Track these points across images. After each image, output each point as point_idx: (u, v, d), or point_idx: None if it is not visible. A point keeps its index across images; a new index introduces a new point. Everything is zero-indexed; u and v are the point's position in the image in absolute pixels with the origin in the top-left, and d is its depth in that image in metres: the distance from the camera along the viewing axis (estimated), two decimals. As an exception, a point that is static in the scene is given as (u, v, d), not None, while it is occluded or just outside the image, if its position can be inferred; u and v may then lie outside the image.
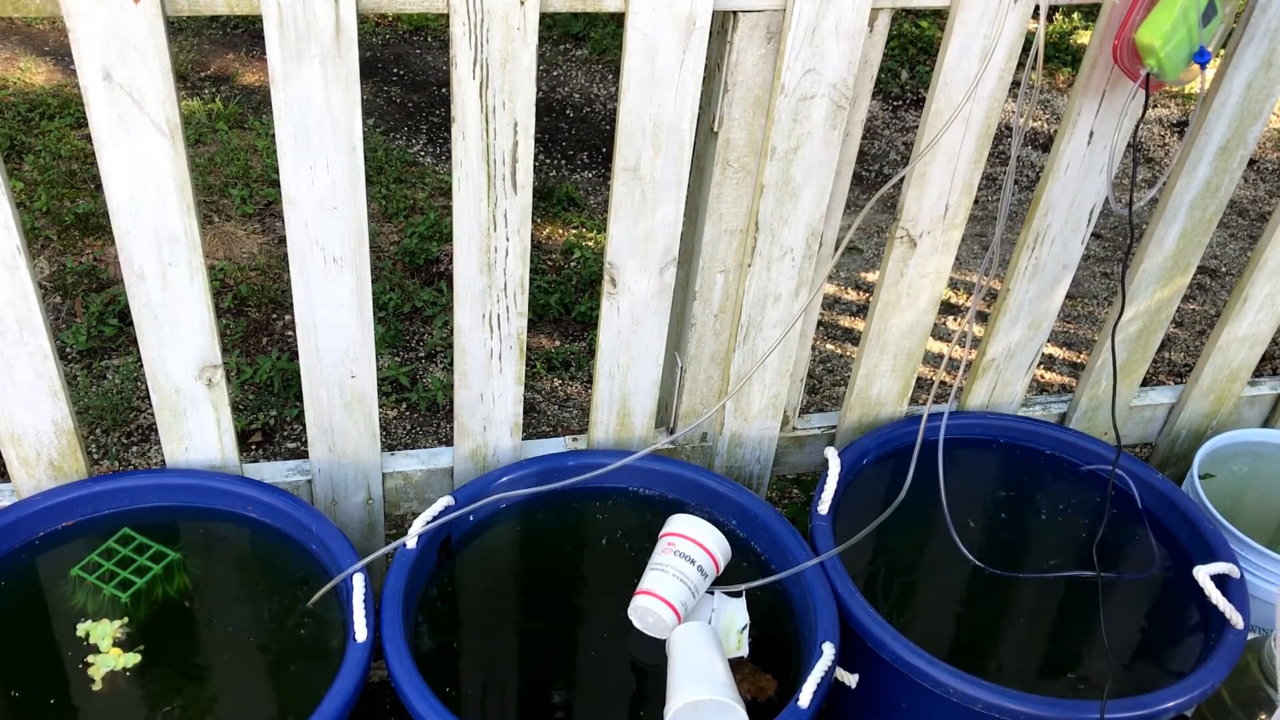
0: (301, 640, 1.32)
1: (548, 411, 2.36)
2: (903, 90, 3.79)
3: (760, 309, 1.54)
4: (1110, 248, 3.09)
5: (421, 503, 1.63)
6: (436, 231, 2.81)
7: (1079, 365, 2.66)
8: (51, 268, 2.58)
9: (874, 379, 1.69)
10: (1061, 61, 3.94)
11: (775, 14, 1.30)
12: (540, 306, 2.62)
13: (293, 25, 1.15)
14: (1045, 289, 1.66)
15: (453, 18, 1.19)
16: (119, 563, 1.38)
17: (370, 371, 1.44)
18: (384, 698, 1.73)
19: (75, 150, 2.99)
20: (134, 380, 2.30)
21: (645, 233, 1.42)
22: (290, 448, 2.22)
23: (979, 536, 1.59)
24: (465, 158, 1.29)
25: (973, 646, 1.44)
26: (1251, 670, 1.52)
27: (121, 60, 1.13)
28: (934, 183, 1.48)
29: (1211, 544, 1.54)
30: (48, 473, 1.44)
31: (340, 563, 1.36)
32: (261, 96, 3.39)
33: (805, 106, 1.36)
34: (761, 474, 1.76)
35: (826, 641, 1.33)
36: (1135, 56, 1.33)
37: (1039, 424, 1.75)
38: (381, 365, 2.39)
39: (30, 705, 1.23)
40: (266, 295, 2.58)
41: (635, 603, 1.37)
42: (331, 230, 1.30)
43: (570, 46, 3.91)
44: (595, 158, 3.28)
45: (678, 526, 1.43)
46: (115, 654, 1.29)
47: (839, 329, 2.70)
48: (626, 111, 1.31)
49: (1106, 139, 1.50)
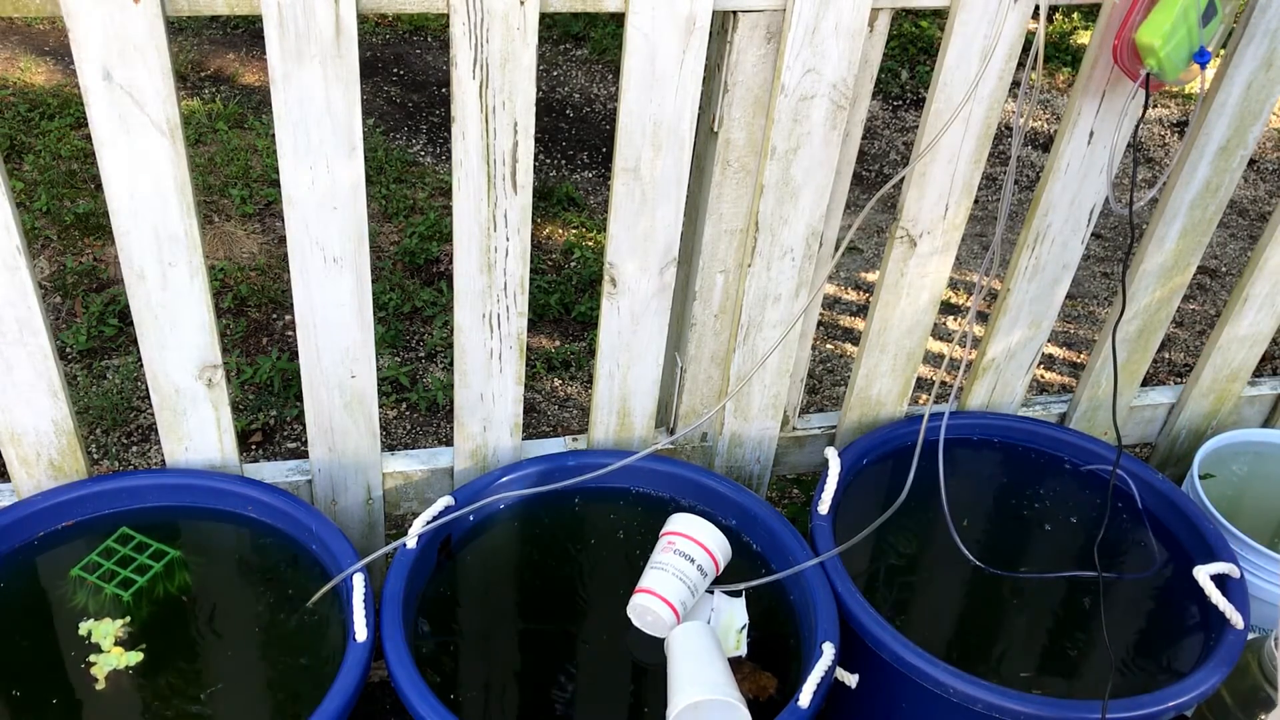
0: (302, 640, 1.32)
1: (548, 411, 2.36)
2: (903, 90, 3.79)
3: (760, 309, 1.54)
4: (1110, 248, 3.09)
5: (421, 503, 1.63)
6: (436, 231, 2.81)
7: (1079, 365, 2.66)
8: (51, 268, 2.58)
9: (874, 379, 1.69)
10: (1061, 61, 3.94)
11: (775, 14, 1.30)
12: (540, 306, 2.62)
13: (293, 25, 1.15)
14: (1045, 289, 1.66)
15: (453, 18, 1.19)
16: (119, 562, 1.38)
17: (370, 371, 1.44)
18: (384, 698, 1.73)
19: (75, 150, 2.99)
20: (134, 380, 2.30)
21: (645, 233, 1.42)
22: (290, 448, 2.22)
23: (979, 536, 1.59)
24: (465, 158, 1.29)
25: (973, 646, 1.44)
26: (1251, 670, 1.52)
27: (121, 60, 1.13)
28: (934, 183, 1.48)
29: (1211, 544, 1.54)
30: (48, 473, 1.44)
31: (340, 563, 1.36)
32: (261, 96, 3.39)
33: (805, 106, 1.36)
34: (761, 474, 1.76)
35: (826, 641, 1.33)
36: (1135, 56, 1.33)
37: (1039, 424, 1.75)
38: (381, 365, 2.39)
39: (34, 705, 1.23)
40: (266, 295, 2.58)
41: (634, 601, 1.37)
42: (331, 230, 1.30)
43: (570, 46, 3.91)
44: (595, 158, 3.28)
45: (678, 525, 1.43)
46: (118, 653, 1.29)
47: (839, 329, 2.70)
48: (626, 111, 1.31)
49: (1106, 139, 1.50)
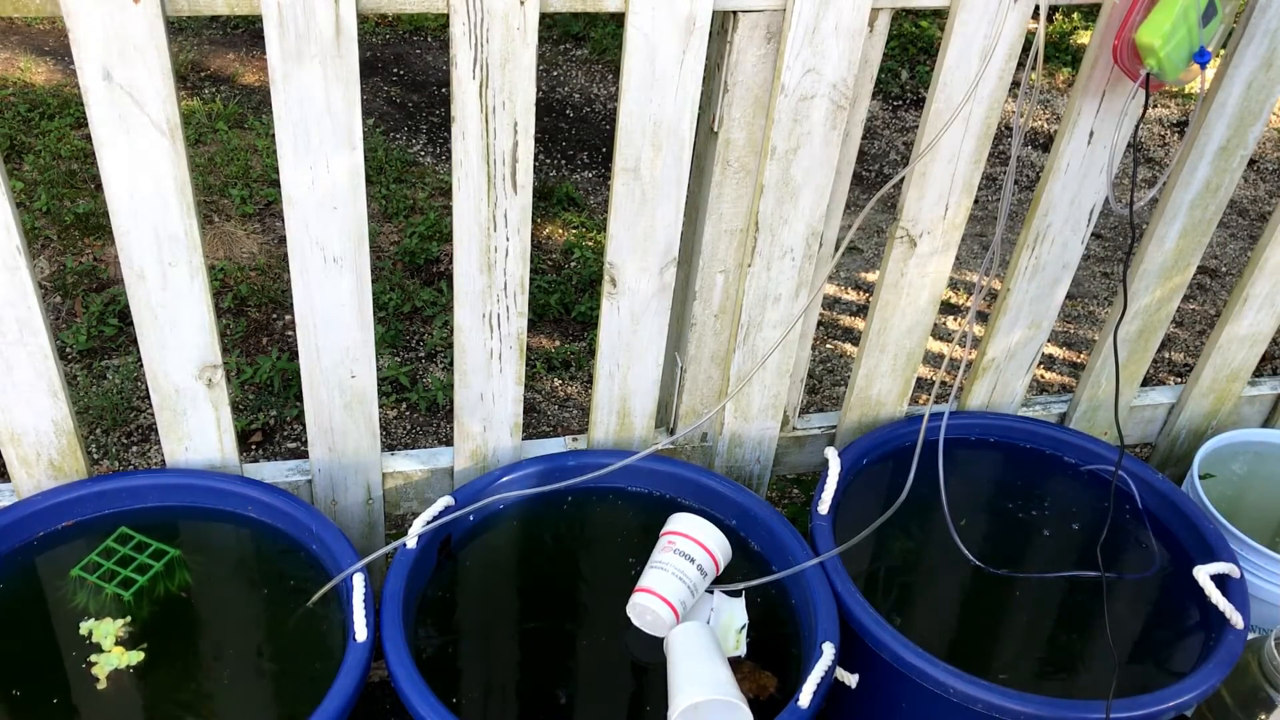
0: (301, 640, 1.32)
1: (548, 411, 2.36)
2: (903, 90, 3.79)
3: (760, 309, 1.54)
4: (1110, 248, 3.09)
5: (421, 503, 1.62)
6: (436, 231, 2.81)
7: (1079, 365, 2.66)
8: (51, 268, 2.58)
9: (874, 379, 1.69)
10: (1061, 61, 3.94)
11: (775, 14, 1.30)
12: (540, 306, 2.62)
13: (293, 25, 1.15)
14: (1045, 289, 1.66)
15: (453, 18, 1.19)
16: (119, 561, 1.38)
17: (370, 371, 1.44)
18: (384, 698, 1.73)
19: (75, 150, 2.99)
20: (134, 380, 2.30)
21: (645, 233, 1.42)
22: (290, 448, 2.22)
23: (979, 536, 1.59)
24: (465, 158, 1.29)
25: (973, 646, 1.44)
26: (1251, 670, 1.52)
27: (121, 60, 1.13)
28: (934, 183, 1.48)
29: (1211, 544, 1.54)
30: (48, 473, 1.44)
31: (340, 563, 1.36)
32: (261, 96, 3.39)
33: (805, 106, 1.36)
34: (761, 474, 1.76)
35: (826, 641, 1.33)
36: (1135, 56, 1.33)
37: (1039, 424, 1.75)
38: (381, 365, 2.39)
39: (36, 705, 1.23)
40: (266, 295, 2.58)
41: (634, 600, 1.37)
42: (331, 230, 1.30)
43: (570, 46, 3.91)
44: (595, 158, 3.28)
45: (679, 525, 1.43)
46: (119, 652, 1.29)
47: (839, 329, 2.70)
48: (626, 111, 1.31)
49: (1106, 139, 1.50)
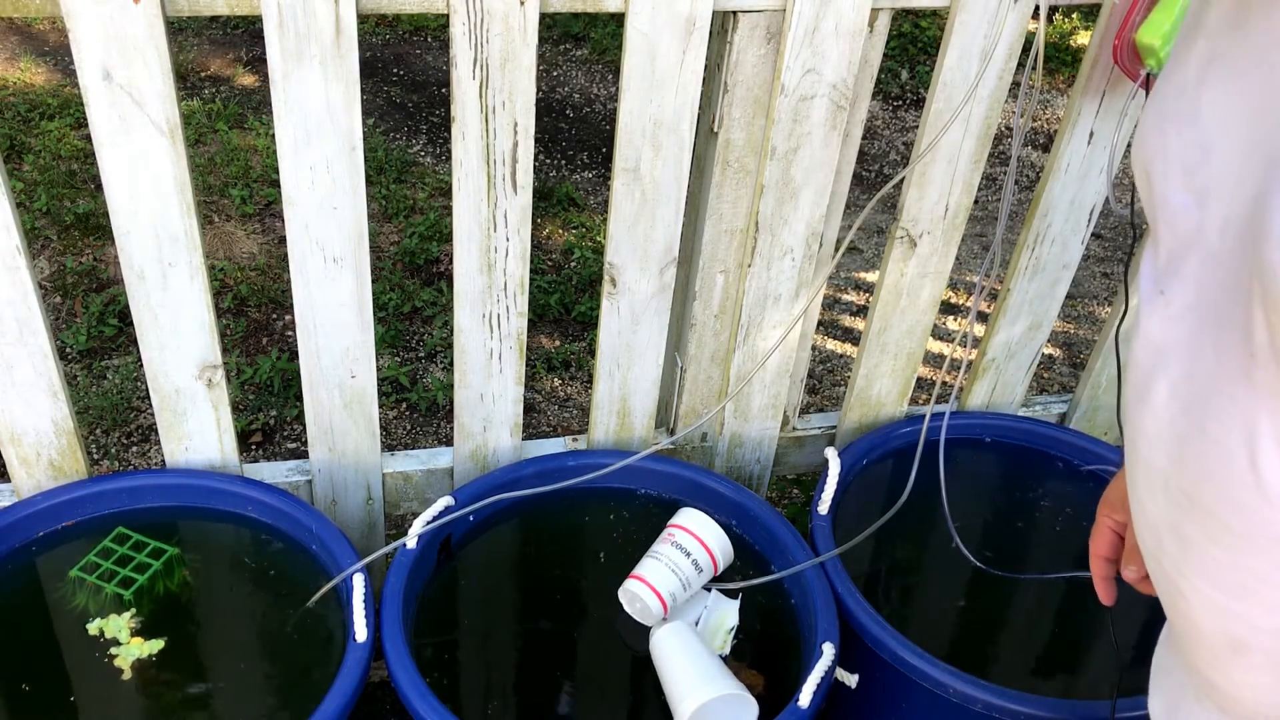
0: (301, 640, 1.32)
1: (548, 411, 2.36)
2: (903, 90, 3.79)
3: (760, 309, 1.54)
4: (1110, 248, 3.09)
5: (421, 503, 1.62)
6: (436, 231, 2.81)
7: (1079, 365, 2.66)
8: (51, 268, 2.58)
9: (874, 379, 1.69)
10: (1061, 61, 3.94)
11: (775, 14, 1.30)
12: (540, 306, 2.62)
13: (293, 25, 1.15)
14: (1045, 289, 1.66)
15: (453, 18, 1.19)
16: (118, 561, 1.38)
17: (370, 371, 1.44)
18: (384, 698, 1.73)
19: (75, 150, 2.99)
20: (134, 380, 2.30)
21: (645, 233, 1.42)
22: (290, 448, 2.22)
23: (979, 537, 1.59)
24: (465, 158, 1.29)
25: (973, 646, 1.44)
26: (1251, 670, 1.52)
27: (121, 60, 1.13)
28: (934, 183, 1.48)
29: (1211, 544, 1.54)
30: (47, 473, 1.44)
31: (340, 563, 1.36)
32: (261, 96, 3.39)
33: (805, 107, 1.35)
34: (761, 474, 1.76)
35: (826, 641, 1.33)
36: (1135, 56, 1.33)
37: (1039, 424, 1.75)
38: (381, 365, 2.39)
39: (58, 703, 1.23)
40: (266, 295, 2.58)
41: (626, 586, 1.39)
42: (331, 230, 1.30)
43: (570, 46, 3.91)
44: (595, 158, 3.28)
45: (682, 520, 1.43)
46: (137, 642, 1.30)
47: (839, 329, 2.70)
48: (626, 112, 1.31)
49: (1106, 139, 1.50)
